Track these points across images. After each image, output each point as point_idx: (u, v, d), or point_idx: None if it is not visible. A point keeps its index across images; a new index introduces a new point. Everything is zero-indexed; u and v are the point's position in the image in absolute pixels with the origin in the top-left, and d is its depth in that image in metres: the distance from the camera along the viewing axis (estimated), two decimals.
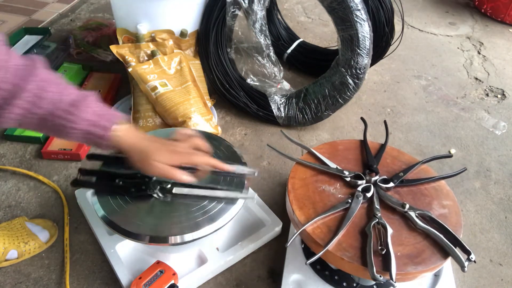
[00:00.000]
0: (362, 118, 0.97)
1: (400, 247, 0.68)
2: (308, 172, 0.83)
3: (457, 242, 0.67)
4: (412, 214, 0.71)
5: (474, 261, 0.65)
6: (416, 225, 0.71)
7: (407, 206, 0.73)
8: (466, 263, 0.64)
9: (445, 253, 0.67)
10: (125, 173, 0.77)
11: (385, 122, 0.95)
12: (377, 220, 0.71)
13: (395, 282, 0.62)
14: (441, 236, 0.68)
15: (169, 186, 0.76)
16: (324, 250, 0.68)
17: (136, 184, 0.75)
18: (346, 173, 0.81)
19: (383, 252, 0.66)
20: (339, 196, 0.78)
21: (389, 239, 0.67)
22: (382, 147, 0.88)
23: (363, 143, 0.90)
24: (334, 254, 0.67)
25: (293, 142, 0.92)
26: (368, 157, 0.85)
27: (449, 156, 0.87)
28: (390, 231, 0.69)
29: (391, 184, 0.78)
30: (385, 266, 0.64)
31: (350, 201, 0.75)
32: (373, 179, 0.79)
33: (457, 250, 0.66)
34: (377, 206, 0.74)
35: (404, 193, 0.78)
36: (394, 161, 0.86)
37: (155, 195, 0.75)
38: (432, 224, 0.71)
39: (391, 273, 0.62)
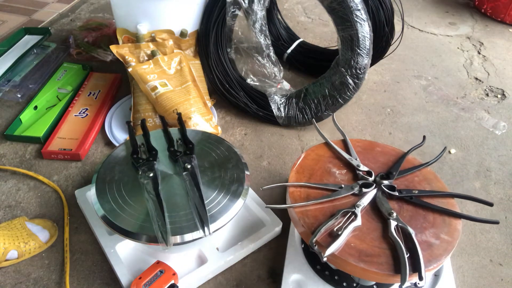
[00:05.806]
0: (424, 136, 0.96)
1: (359, 241, 0.68)
2: (327, 153, 0.87)
3: (418, 267, 0.63)
4: (393, 223, 0.70)
5: None
6: (388, 233, 0.69)
7: (394, 215, 0.71)
8: (408, 283, 0.62)
9: (397, 270, 0.64)
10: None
11: (444, 149, 0.93)
12: (354, 210, 0.71)
13: (324, 257, 0.65)
14: (405, 254, 0.64)
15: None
16: (288, 206, 0.74)
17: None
18: (361, 167, 0.82)
19: (338, 233, 0.67)
20: (339, 180, 0.80)
21: (350, 227, 0.68)
22: (421, 165, 0.85)
23: (404, 154, 0.87)
24: (295, 216, 0.72)
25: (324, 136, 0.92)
26: (394, 165, 0.84)
27: (490, 204, 0.78)
28: (358, 223, 0.70)
29: (396, 193, 0.76)
30: (329, 244, 0.66)
31: (342, 186, 0.77)
32: (382, 181, 0.79)
33: (414, 276, 0.63)
34: (363, 201, 0.74)
35: (406, 209, 0.75)
36: (422, 181, 0.82)
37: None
38: (407, 242, 0.67)
39: (327, 250, 0.65)
